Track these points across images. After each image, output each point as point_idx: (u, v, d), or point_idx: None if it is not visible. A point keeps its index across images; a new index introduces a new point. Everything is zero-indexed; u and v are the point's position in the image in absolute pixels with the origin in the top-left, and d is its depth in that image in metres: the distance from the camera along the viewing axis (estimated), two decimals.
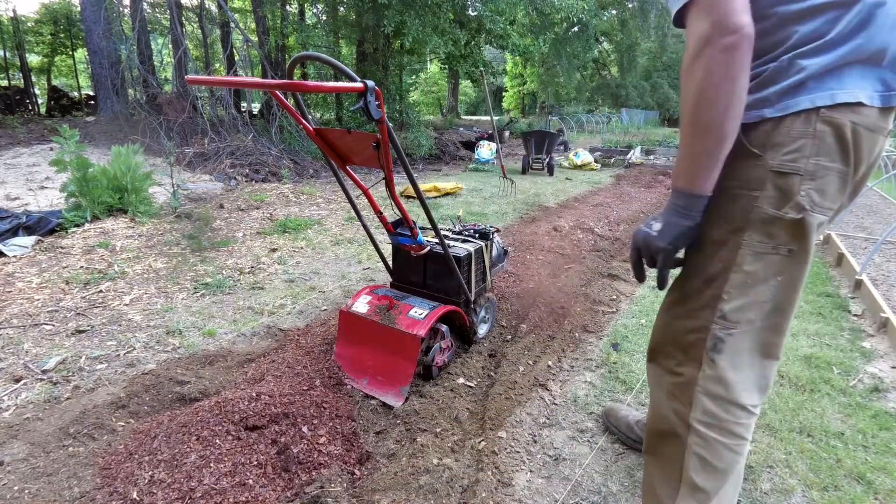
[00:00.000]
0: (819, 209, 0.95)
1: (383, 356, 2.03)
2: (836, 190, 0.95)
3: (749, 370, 1.03)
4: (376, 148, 1.62)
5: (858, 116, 0.91)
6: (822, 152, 0.92)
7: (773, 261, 0.98)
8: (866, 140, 0.93)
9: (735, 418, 1.04)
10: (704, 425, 1.04)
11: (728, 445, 1.05)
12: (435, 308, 2.06)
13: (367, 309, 2.10)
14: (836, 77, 0.90)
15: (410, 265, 2.32)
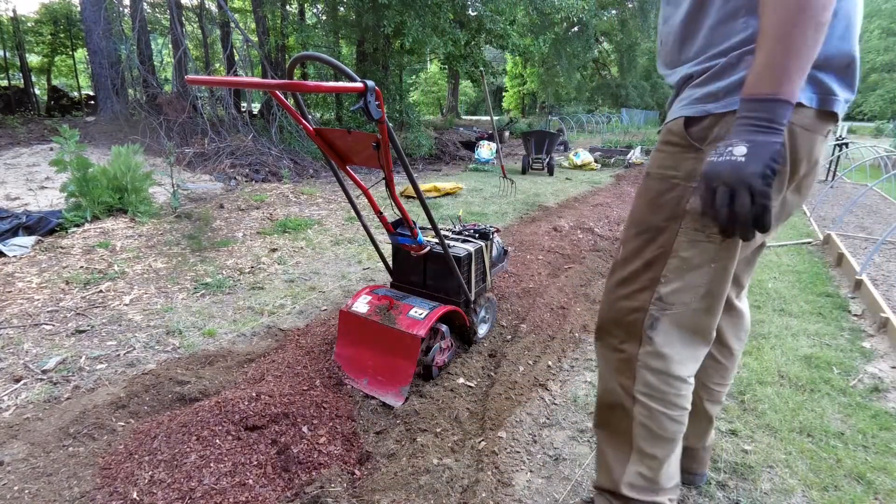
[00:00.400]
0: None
1: (383, 356, 2.03)
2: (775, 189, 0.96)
3: (681, 346, 1.10)
4: (376, 148, 1.63)
5: (796, 116, 0.91)
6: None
7: (707, 248, 1.02)
8: (803, 139, 0.94)
9: (675, 390, 1.11)
10: (647, 396, 1.12)
11: (669, 415, 1.12)
12: (435, 308, 2.06)
13: (367, 309, 2.10)
14: None
15: (410, 265, 2.32)
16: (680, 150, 1.03)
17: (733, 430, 1.84)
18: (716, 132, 0.96)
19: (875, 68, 25.05)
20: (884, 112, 25.93)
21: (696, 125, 0.99)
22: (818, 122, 0.94)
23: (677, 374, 1.10)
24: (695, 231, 1.02)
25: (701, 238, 1.02)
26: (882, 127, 25.05)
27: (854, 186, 8.37)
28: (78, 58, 19.67)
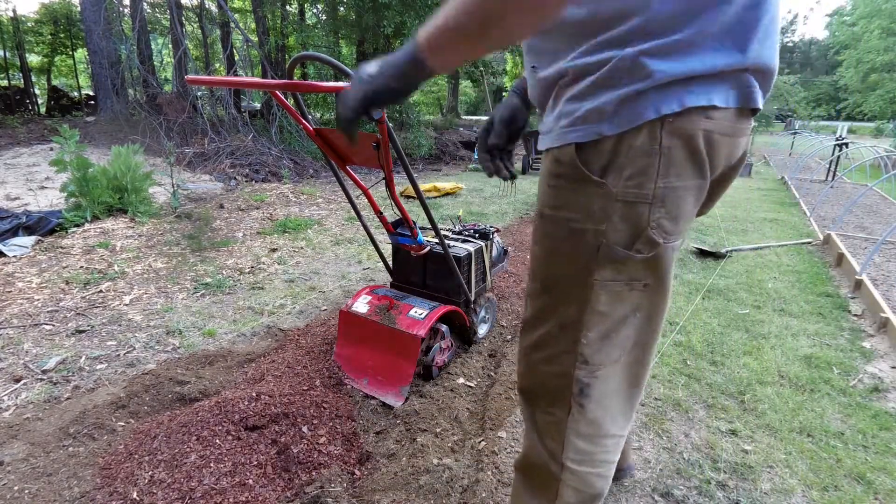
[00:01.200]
0: (675, 237, 0.83)
1: (383, 356, 2.03)
2: (691, 208, 0.83)
3: (616, 402, 0.95)
4: (376, 148, 1.62)
5: (712, 122, 0.77)
6: (671, 171, 0.77)
7: (629, 298, 0.86)
8: (723, 147, 0.81)
9: (604, 448, 0.98)
10: (577, 462, 0.97)
11: (599, 474, 0.99)
12: (435, 308, 2.06)
13: (367, 309, 2.10)
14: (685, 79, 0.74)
15: (410, 265, 2.32)
16: (577, 185, 0.82)
17: (733, 430, 1.84)
18: (617, 159, 0.78)
19: (875, 68, 25.02)
20: (884, 112, 25.91)
21: (591, 151, 0.80)
22: (739, 123, 0.81)
23: (611, 434, 0.97)
24: (612, 281, 0.84)
25: (620, 287, 0.85)
26: (882, 127, 25.03)
27: (854, 186, 8.37)
28: (78, 58, 19.67)
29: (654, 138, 0.76)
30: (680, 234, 0.83)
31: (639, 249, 0.81)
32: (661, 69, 0.73)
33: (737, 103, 0.77)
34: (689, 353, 2.39)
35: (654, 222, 0.79)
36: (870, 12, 24.82)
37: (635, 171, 0.77)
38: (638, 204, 0.78)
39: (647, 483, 1.58)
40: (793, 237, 4.67)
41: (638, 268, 0.83)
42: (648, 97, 0.75)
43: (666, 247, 0.82)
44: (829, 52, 33.70)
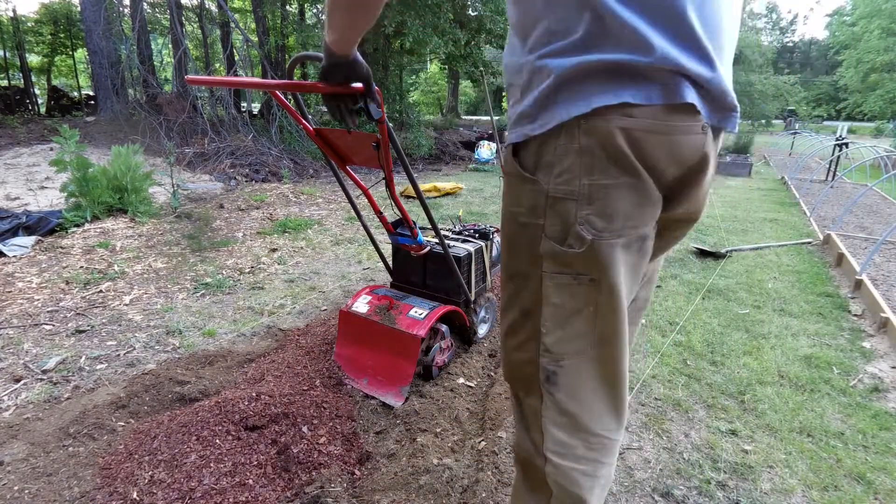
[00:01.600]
0: (609, 233, 0.81)
1: (383, 356, 2.03)
2: (632, 206, 0.81)
3: (594, 397, 0.94)
4: (376, 148, 1.62)
5: (631, 120, 0.76)
6: (595, 170, 0.78)
7: (578, 291, 0.87)
8: (656, 145, 0.78)
9: (588, 446, 0.96)
10: (557, 455, 0.97)
11: (583, 471, 0.97)
12: (435, 308, 2.06)
13: (368, 309, 2.11)
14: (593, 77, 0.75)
15: (410, 265, 2.33)
16: (519, 182, 0.87)
17: (733, 430, 1.84)
18: (544, 157, 0.82)
19: (875, 68, 25.00)
20: (884, 112, 25.89)
21: (523, 151, 0.86)
22: (669, 120, 0.78)
23: (590, 429, 0.95)
24: (558, 274, 0.87)
25: (567, 280, 0.87)
26: (882, 127, 25.01)
27: (854, 186, 8.37)
28: (78, 58, 19.66)
29: (573, 138, 0.78)
30: (618, 232, 0.83)
31: (570, 244, 0.83)
32: (558, 64, 0.76)
33: (661, 100, 0.75)
34: (689, 353, 2.39)
35: (582, 218, 0.81)
36: (870, 12, 24.81)
37: (563, 169, 0.80)
38: (566, 200, 0.81)
39: (647, 483, 1.58)
40: (793, 237, 4.68)
41: (578, 262, 0.84)
42: (558, 100, 0.78)
43: (600, 243, 0.82)
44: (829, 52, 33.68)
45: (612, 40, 0.73)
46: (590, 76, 0.75)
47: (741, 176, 9.23)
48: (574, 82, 0.76)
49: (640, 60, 0.73)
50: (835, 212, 5.96)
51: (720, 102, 0.81)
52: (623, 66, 0.74)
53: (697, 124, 0.79)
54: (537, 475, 1.01)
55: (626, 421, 1.07)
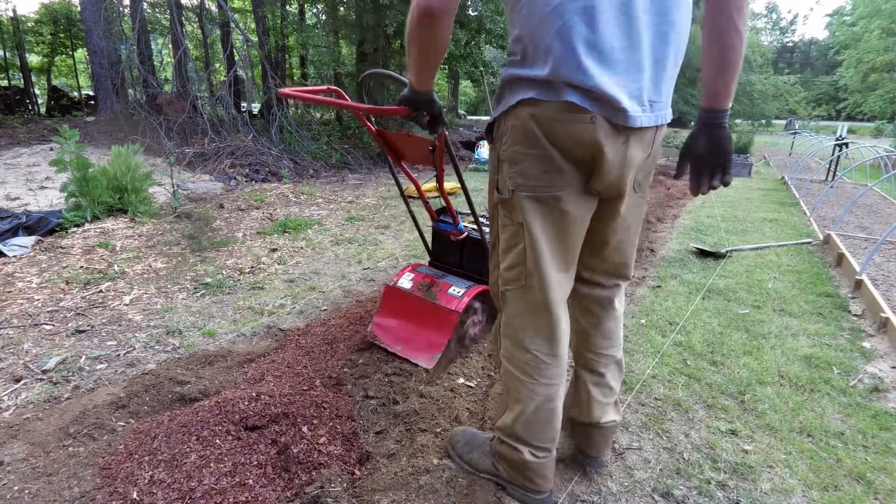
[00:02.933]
0: (526, 188, 1.19)
1: (420, 328, 2.23)
2: (539, 171, 1.17)
3: (526, 319, 1.29)
4: (433, 152, 1.87)
5: (536, 109, 1.12)
6: (517, 142, 1.17)
7: (513, 231, 1.25)
8: (557, 127, 1.12)
9: (523, 358, 1.31)
10: (505, 359, 1.36)
11: (520, 380, 1.32)
12: (471, 287, 2.25)
13: (411, 285, 2.32)
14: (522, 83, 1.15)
15: (448, 248, 2.58)
16: (491, 150, 1.31)
17: (733, 430, 1.84)
18: (499, 131, 1.24)
19: (875, 68, 24.99)
20: (884, 112, 25.88)
21: (493, 126, 1.28)
22: (564, 112, 1.10)
23: (525, 346, 1.30)
24: (503, 216, 1.27)
25: (507, 222, 1.26)
26: (882, 127, 25.00)
27: (854, 186, 8.37)
28: (78, 58, 19.65)
29: (508, 119, 1.19)
30: (534, 189, 1.19)
31: (502, 192, 1.25)
32: (506, 72, 1.19)
33: (555, 98, 1.10)
34: (689, 353, 2.39)
35: (510, 175, 1.22)
36: (870, 12, 24.78)
37: (505, 139, 1.21)
38: (505, 162, 1.23)
39: (647, 483, 1.58)
40: (793, 237, 4.68)
41: (507, 207, 1.25)
42: (505, 95, 1.19)
43: (518, 194, 1.21)
44: (829, 52, 33.66)
45: (531, 63, 1.12)
46: (518, 82, 1.15)
47: (741, 176, 9.22)
48: (512, 84, 1.17)
49: (541, 74, 1.10)
50: (835, 212, 5.96)
51: (607, 103, 1.09)
52: (536, 77, 1.11)
53: (585, 115, 1.10)
54: (504, 379, 1.40)
55: (562, 351, 1.33)
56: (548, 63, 1.08)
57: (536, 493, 1.41)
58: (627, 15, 1.06)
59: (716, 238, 4.58)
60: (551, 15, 1.06)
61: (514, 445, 1.38)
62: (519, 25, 1.12)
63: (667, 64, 1.15)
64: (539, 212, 1.20)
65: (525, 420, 1.34)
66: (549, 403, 1.33)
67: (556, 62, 1.07)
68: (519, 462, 1.38)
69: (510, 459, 1.41)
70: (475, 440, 1.57)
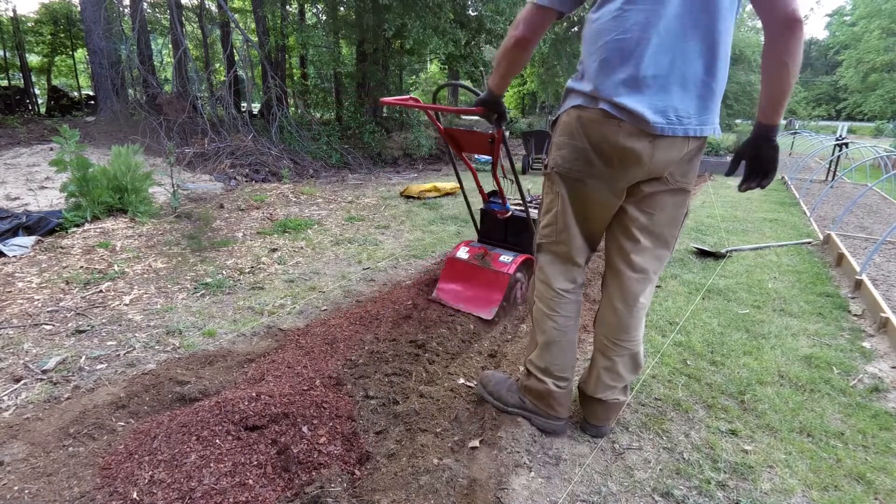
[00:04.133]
0: (562, 168, 1.53)
1: (479, 289, 2.75)
2: (573, 157, 1.50)
3: (552, 266, 1.67)
4: (491, 142, 2.38)
5: (583, 112, 1.46)
6: (564, 133, 1.52)
7: (552, 198, 1.60)
8: (591, 126, 1.44)
9: (550, 296, 1.66)
10: (537, 298, 1.70)
11: (547, 314, 1.67)
12: (517, 256, 2.77)
13: (468, 256, 2.84)
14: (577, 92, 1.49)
15: (494, 226, 3.07)
16: (550, 137, 1.65)
17: (733, 430, 1.84)
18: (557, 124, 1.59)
19: (875, 68, 24.98)
20: (884, 112, 25.87)
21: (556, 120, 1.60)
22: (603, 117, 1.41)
23: (552, 286, 1.66)
24: (547, 185, 1.63)
25: (549, 190, 1.62)
26: (882, 127, 24.99)
27: (854, 186, 8.37)
28: (78, 58, 19.65)
29: (563, 117, 1.54)
30: (568, 171, 1.53)
31: (548, 168, 1.60)
32: (569, 84, 1.53)
33: (595, 106, 1.42)
34: (689, 353, 2.39)
35: (554, 156, 1.57)
36: (870, 12, 24.78)
37: (557, 131, 1.57)
38: (554, 146, 1.58)
39: (647, 483, 1.58)
40: (793, 237, 4.68)
41: (550, 179, 1.61)
42: (565, 100, 1.55)
43: (557, 170, 1.56)
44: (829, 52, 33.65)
45: (583, 80, 1.48)
46: (573, 92, 1.51)
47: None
48: (570, 93, 1.53)
49: (587, 89, 1.44)
50: (835, 212, 5.96)
51: (633, 115, 1.37)
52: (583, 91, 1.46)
53: (614, 121, 1.40)
54: (532, 317, 1.75)
55: (579, 292, 1.70)
56: (591, 83, 1.43)
57: (557, 419, 1.75)
58: (661, 48, 1.33)
59: (716, 238, 4.58)
60: (598, 49, 1.40)
61: (541, 378, 1.70)
62: (582, 50, 1.50)
63: (698, 85, 1.38)
64: (566, 186, 1.55)
65: (550, 351, 1.67)
66: (568, 335, 1.67)
67: (596, 83, 1.41)
68: (545, 392, 1.70)
69: (537, 390, 1.72)
70: (504, 381, 1.89)
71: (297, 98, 12.06)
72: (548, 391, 1.69)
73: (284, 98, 8.74)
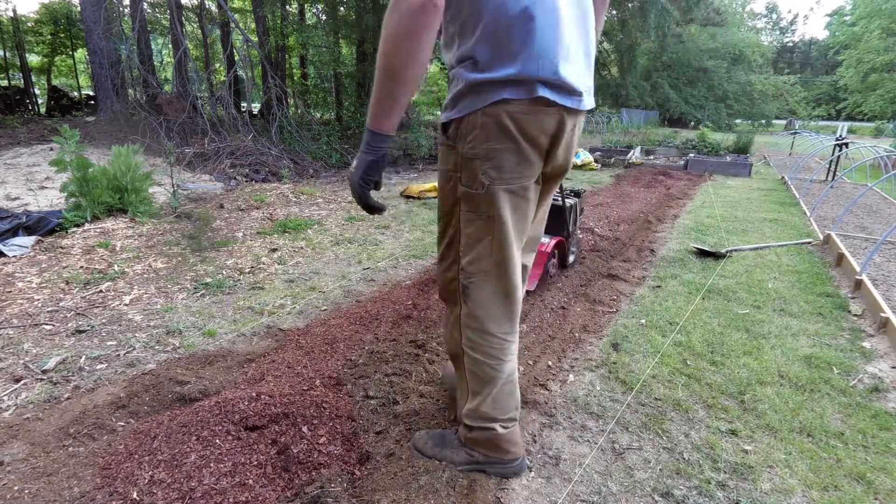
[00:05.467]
0: (501, 181, 1.26)
1: None
2: (514, 164, 1.25)
3: (494, 307, 1.37)
4: None
5: (510, 106, 1.19)
6: (490, 138, 1.22)
7: (481, 225, 1.30)
8: (529, 121, 1.21)
9: (489, 344, 1.39)
10: (471, 349, 1.41)
11: (487, 363, 1.41)
12: (552, 238, 3.08)
13: None
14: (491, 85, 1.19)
15: None
16: (447, 149, 1.31)
17: (733, 430, 1.84)
18: (460, 132, 1.26)
19: (875, 68, 24.99)
20: (884, 112, 25.88)
21: (448, 128, 1.29)
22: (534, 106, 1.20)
23: (492, 332, 1.38)
24: (469, 212, 1.30)
25: (474, 217, 1.30)
26: (882, 127, 25.00)
27: (854, 186, 8.37)
28: (78, 58, 19.66)
29: (477, 119, 1.22)
30: (508, 181, 1.26)
31: (476, 188, 1.27)
32: (465, 76, 1.21)
33: (529, 95, 1.18)
34: (689, 353, 2.39)
35: (483, 170, 1.25)
36: (870, 12, 24.79)
37: (471, 138, 1.24)
38: (476, 159, 1.25)
39: (647, 483, 1.58)
40: (793, 237, 4.68)
41: (480, 202, 1.28)
42: (467, 97, 1.22)
43: (495, 188, 1.26)
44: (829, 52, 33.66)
45: (496, 66, 1.17)
46: (485, 85, 1.19)
47: (741, 176, 9.22)
48: (477, 88, 1.20)
49: (511, 73, 1.16)
50: (835, 212, 5.96)
51: (568, 90, 1.21)
52: (506, 78, 1.17)
53: (553, 108, 1.21)
54: (460, 369, 1.48)
55: (518, 324, 1.46)
56: (516, 63, 1.16)
57: (512, 461, 1.53)
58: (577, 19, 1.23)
59: (716, 238, 4.58)
60: (519, 19, 1.14)
61: (486, 426, 1.47)
62: (476, 32, 1.17)
63: (592, 54, 1.31)
64: (510, 202, 1.29)
65: (493, 399, 1.44)
66: (512, 376, 1.47)
67: (527, 62, 1.16)
68: (493, 438, 1.48)
69: (484, 440, 1.49)
70: (440, 438, 1.60)
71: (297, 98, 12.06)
72: (497, 436, 1.48)
73: (284, 98, 8.74)
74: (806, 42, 55.01)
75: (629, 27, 22.62)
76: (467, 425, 1.49)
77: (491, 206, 1.27)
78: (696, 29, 27.02)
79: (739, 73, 21.72)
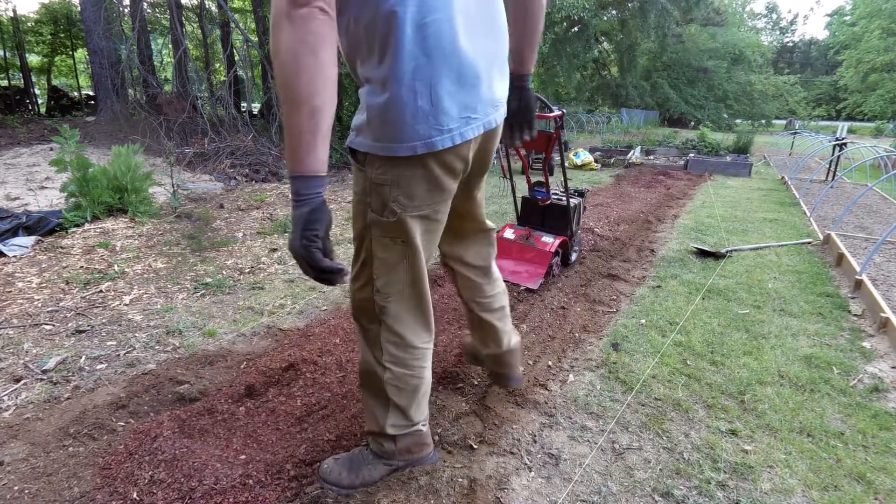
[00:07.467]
0: (413, 208, 1.21)
1: (525, 264, 3.16)
2: (425, 190, 1.20)
3: (410, 323, 1.35)
4: (548, 142, 2.87)
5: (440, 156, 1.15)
6: (399, 164, 1.15)
7: (396, 249, 1.26)
8: (451, 159, 1.18)
9: (411, 356, 1.37)
10: (392, 363, 1.36)
11: (410, 375, 1.38)
12: (556, 237, 3.22)
13: (514, 236, 3.28)
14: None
15: (532, 212, 3.43)
16: (358, 171, 1.24)
17: (733, 430, 1.84)
18: (368, 156, 1.18)
19: (875, 68, 24.99)
20: (884, 112, 25.89)
21: (356, 152, 1.21)
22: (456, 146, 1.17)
23: (413, 344, 1.37)
24: (381, 237, 1.25)
25: (387, 243, 1.25)
26: (882, 127, 25.00)
27: (854, 186, 8.37)
28: (78, 58, 19.66)
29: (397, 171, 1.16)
30: (419, 209, 1.22)
31: (386, 216, 1.21)
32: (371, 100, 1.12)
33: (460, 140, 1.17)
34: (689, 353, 2.39)
35: (394, 198, 1.19)
36: (870, 12, 24.79)
37: (378, 164, 1.17)
38: (385, 185, 1.18)
39: (647, 483, 1.58)
40: (793, 237, 4.68)
41: (392, 228, 1.23)
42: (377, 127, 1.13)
43: (405, 215, 1.21)
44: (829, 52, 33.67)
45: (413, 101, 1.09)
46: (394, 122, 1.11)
47: (741, 176, 9.22)
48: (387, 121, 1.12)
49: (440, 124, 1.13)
50: (835, 212, 5.96)
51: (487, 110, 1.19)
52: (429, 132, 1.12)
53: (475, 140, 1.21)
54: (376, 384, 1.40)
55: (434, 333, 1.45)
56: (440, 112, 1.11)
57: (430, 454, 1.53)
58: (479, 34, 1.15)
59: (716, 238, 4.58)
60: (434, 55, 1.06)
61: (411, 431, 1.45)
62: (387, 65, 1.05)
63: (503, 49, 1.26)
64: (422, 227, 1.26)
65: (417, 404, 1.43)
66: (428, 378, 1.45)
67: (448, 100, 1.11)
68: (418, 439, 1.48)
69: (412, 444, 1.47)
70: (351, 461, 1.48)
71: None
72: (422, 435, 1.48)
73: None
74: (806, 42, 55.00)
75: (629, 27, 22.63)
76: (391, 436, 1.42)
77: (403, 233, 1.23)
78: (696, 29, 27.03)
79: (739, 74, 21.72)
